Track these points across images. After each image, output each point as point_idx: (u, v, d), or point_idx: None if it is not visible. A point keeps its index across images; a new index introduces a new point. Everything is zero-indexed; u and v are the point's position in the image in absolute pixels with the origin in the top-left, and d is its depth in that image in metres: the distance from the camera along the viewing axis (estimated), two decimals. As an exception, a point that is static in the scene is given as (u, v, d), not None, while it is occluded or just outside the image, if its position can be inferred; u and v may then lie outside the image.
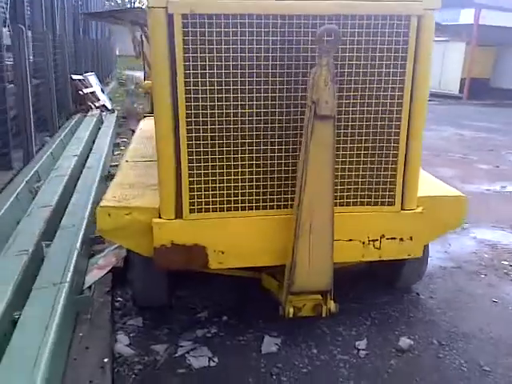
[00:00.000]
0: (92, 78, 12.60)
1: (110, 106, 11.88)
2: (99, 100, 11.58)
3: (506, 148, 9.90)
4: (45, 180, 5.22)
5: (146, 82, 5.99)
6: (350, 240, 2.95)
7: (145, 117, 6.19)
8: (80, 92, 10.96)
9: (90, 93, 11.41)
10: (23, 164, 6.62)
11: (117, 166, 6.91)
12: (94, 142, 7.55)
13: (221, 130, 2.68)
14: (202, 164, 2.72)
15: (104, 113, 10.61)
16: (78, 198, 4.64)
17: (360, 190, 2.91)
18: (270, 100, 2.68)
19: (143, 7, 3.09)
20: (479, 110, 17.23)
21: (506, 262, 4.29)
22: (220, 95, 2.63)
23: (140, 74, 24.40)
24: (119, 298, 3.46)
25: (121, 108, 13.00)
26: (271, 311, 3.13)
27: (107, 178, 5.95)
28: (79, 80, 11.20)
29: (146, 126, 5.18)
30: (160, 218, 2.81)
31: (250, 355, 2.88)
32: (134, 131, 10.71)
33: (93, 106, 10.90)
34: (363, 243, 2.98)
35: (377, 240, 2.98)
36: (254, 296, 3.43)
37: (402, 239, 3.00)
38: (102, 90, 13.14)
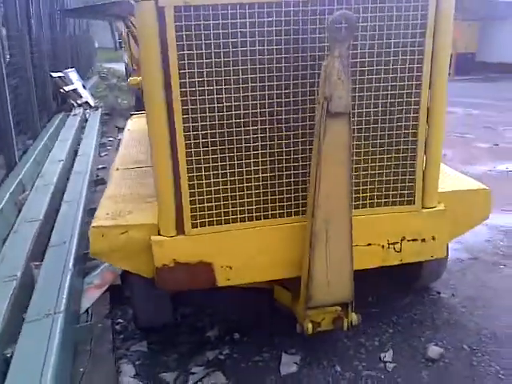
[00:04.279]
0: (73, 74, 12.15)
1: (93, 103, 11.48)
2: (81, 97, 11.17)
3: (503, 124, 9.68)
4: (30, 190, 4.91)
5: (132, 77, 5.66)
6: (369, 245, 2.71)
7: (131, 115, 5.86)
8: (61, 90, 10.55)
9: (72, 90, 10.99)
10: (6, 172, 6.28)
11: (104, 168, 6.64)
12: (79, 144, 7.21)
13: (222, 134, 2.41)
14: (203, 173, 2.45)
15: (87, 110, 10.23)
16: (66, 208, 4.35)
17: (376, 190, 2.66)
18: (275, 98, 2.40)
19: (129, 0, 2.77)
20: (468, 86, 16.98)
21: (523, 250, 4.09)
22: (220, 95, 2.34)
23: (121, 67, 24.01)
24: (120, 320, 3.19)
25: (104, 104, 12.59)
26: (286, 325, 2.90)
27: (96, 182, 5.65)
28: (59, 77, 10.77)
29: (135, 125, 4.87)
30: (160, 235, 2.55)
31: (268, 378, 2.64)
32: (119, 128, 10.44)
33: (75, 104, 10.51)
34: (383, 247, 2.73)
35: (397, 243, 2.74)
36: (266, 309, 3.17)
37: (424, 240, 2.76)
38: (84, 86, 12.70)
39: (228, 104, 2.36)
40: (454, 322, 3.07)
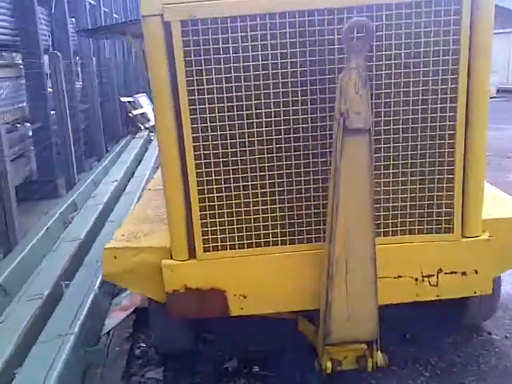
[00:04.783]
0: (143, 99, 12.62)
1: (160, 126, 11.80)
2: (149, 121, 11.54)
3: None
4: (80, 209, 5.02)
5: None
6: (399, 277, 2.43)
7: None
8: (130, 114, 10.96)
9: (140, 114, 11.40)
10: (66, 191, 6.53)
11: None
12: (138, 165, 7.38)
13: (234, 154, 2.27)
14: (215, 194, 2.31)
15: (152, 133, 10.51)
16: (108, 228, 4.37)
17: (408, 216, 2.39)
18: (291, 115, 2.23)
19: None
20: (554, 106, 15.79)
21: None
22: (231, 112, 2.21)
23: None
24: (141, 344, 3.09)
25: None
26: (311, 359, 2.66)
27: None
28: (128, 102, 11.22)
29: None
30: (172, 258, 2.43)
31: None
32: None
33: (142, 128, 10.86)
34: (416, 280, 2.45)
35: (433, 275, 2.44)
36: (293, 340, 2.95)
37: (464, 273, 2.44)
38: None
39: (240, 122, 2.23)
40: (503, 368, 2.69)
